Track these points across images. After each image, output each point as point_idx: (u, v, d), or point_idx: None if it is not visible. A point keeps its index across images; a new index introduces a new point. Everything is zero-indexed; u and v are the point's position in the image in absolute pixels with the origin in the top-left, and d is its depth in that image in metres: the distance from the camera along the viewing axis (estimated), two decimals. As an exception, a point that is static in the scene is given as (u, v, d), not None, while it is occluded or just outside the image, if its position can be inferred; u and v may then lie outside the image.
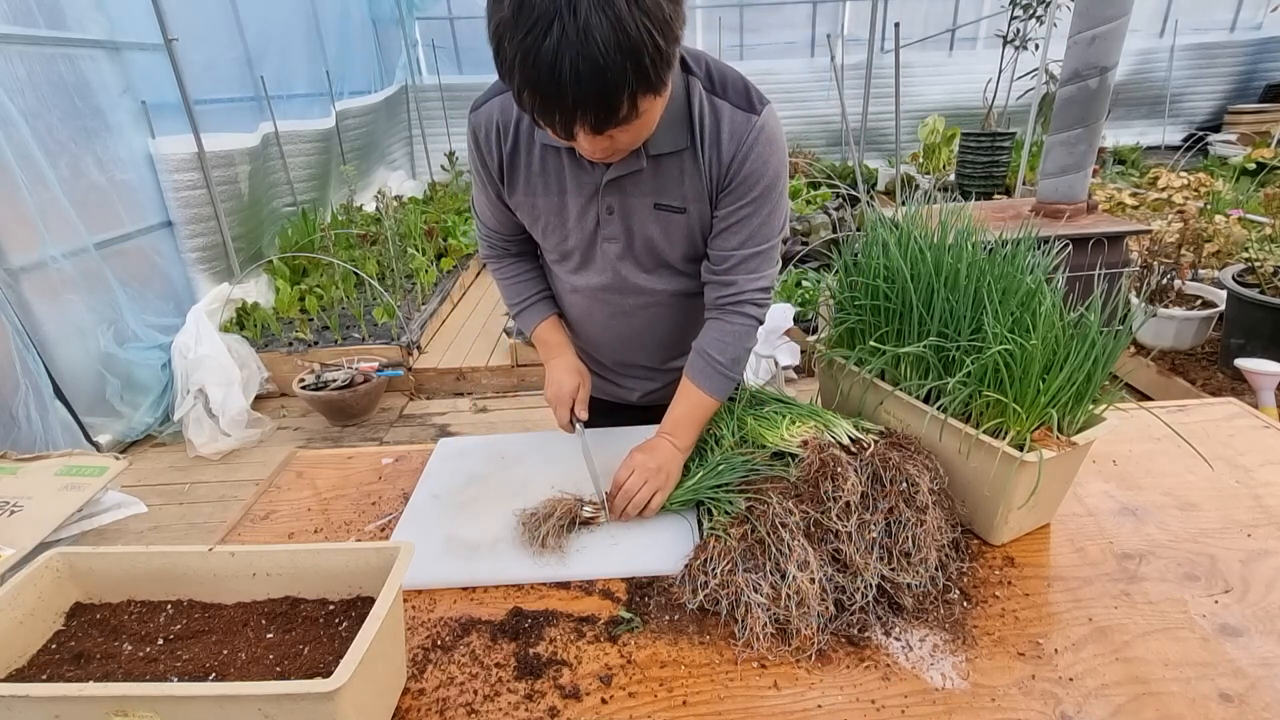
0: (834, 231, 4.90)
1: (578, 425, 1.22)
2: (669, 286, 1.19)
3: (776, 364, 3.38)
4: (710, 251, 1.12)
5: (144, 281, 3.67)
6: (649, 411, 1.29)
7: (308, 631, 0.78)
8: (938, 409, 0.96)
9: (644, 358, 1.31)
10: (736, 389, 1.20)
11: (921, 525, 0.89)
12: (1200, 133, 7.81)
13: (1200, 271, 3.63)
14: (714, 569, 0.87)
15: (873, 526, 0.89)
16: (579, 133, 0.84)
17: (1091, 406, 0.96)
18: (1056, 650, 0.82)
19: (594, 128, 0.82)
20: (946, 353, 1.00)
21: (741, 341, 1.12)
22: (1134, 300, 3.37)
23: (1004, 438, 0.93)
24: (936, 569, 0.89)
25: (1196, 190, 4.67)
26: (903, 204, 1.21)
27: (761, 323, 1.14)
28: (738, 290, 1.11)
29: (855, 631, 0.84)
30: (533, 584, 0.96)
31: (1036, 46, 6.30)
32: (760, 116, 1.02)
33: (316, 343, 4.04)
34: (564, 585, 0.95)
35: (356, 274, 4.34)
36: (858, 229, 4.81)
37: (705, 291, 1.16)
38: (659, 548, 1.00)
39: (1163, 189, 4.79)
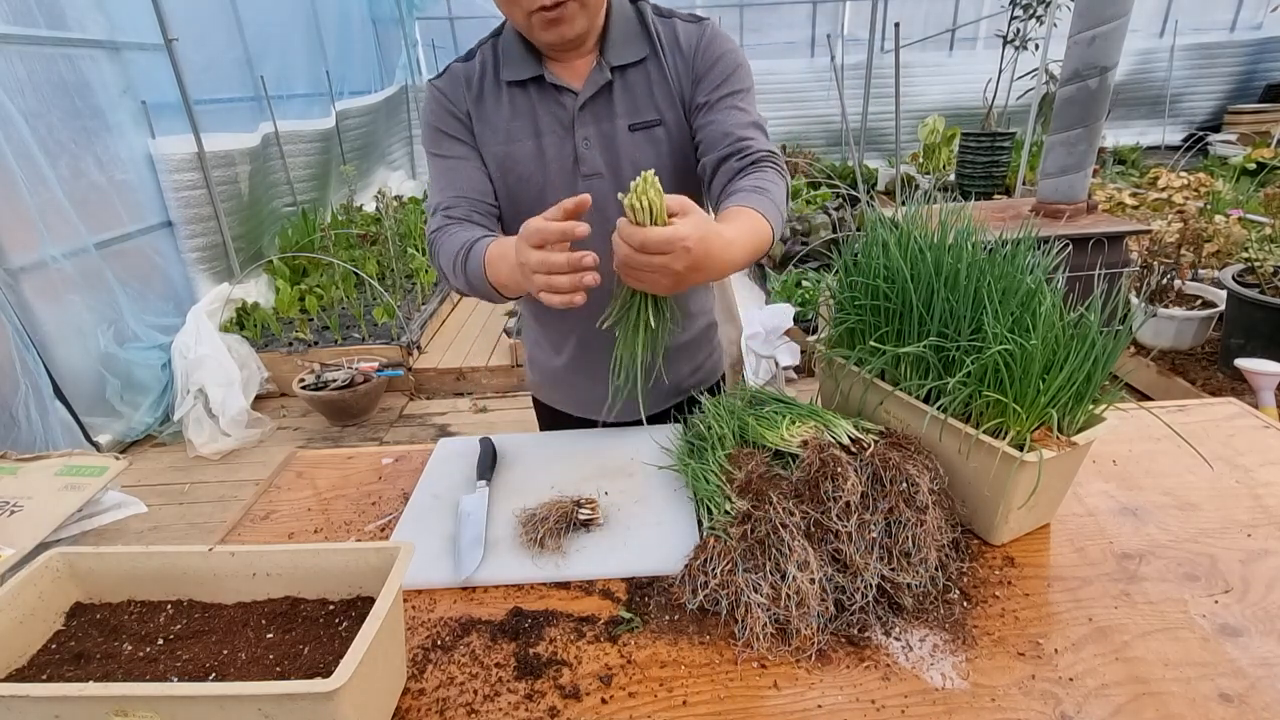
0: (834, 231, 4.90)
1: (478, 485, 1.10)
2: None
3: (776, 364, 3.38)
4: (713, 137, 1.09)
5: (144, 281, 3.67)
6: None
7: (308, 631, 0.78)
8: (938, 409, 0.96)
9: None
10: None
11: (921, 525, 0.89)
12: (1200, 133, 7.81)
13: (1200, 271, 3.63)
14: (714, 569, 0.87)
15: (873, 526, 0.89)
16: None
17: (1091, 406, 0.96)
18: (1056, 650, 0.82)
19: None
20: (946, 353, 1.00)
21: (779, 186, 1.04)
22: (1134, 300, 3.37)
23: (1004, 438, 0.93)
24: (936, 569, 0.89)
25: (1196, 190, 4.67)
26: (903, 204, 1.21)
27: (785, 192, 1.07)
28: (755, 150, 1.07)
29: (855, 631, 0.84)
30: (533, 584, 0.96)
31: (1036, 46, 6.30)
32: (709, 22, 1.13)
33: (316, 343, 4.04)
34: (564, 585, 0.95)
35: (356, 274, 4.35)
36: (858, 229, 4.81)
37: (718, 179, 1.09)
38: (659, 548, 1.00)
39: (1163, 189, 4.79)
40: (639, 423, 1.25)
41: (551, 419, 1.46)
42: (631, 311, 1.02)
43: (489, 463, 1.18)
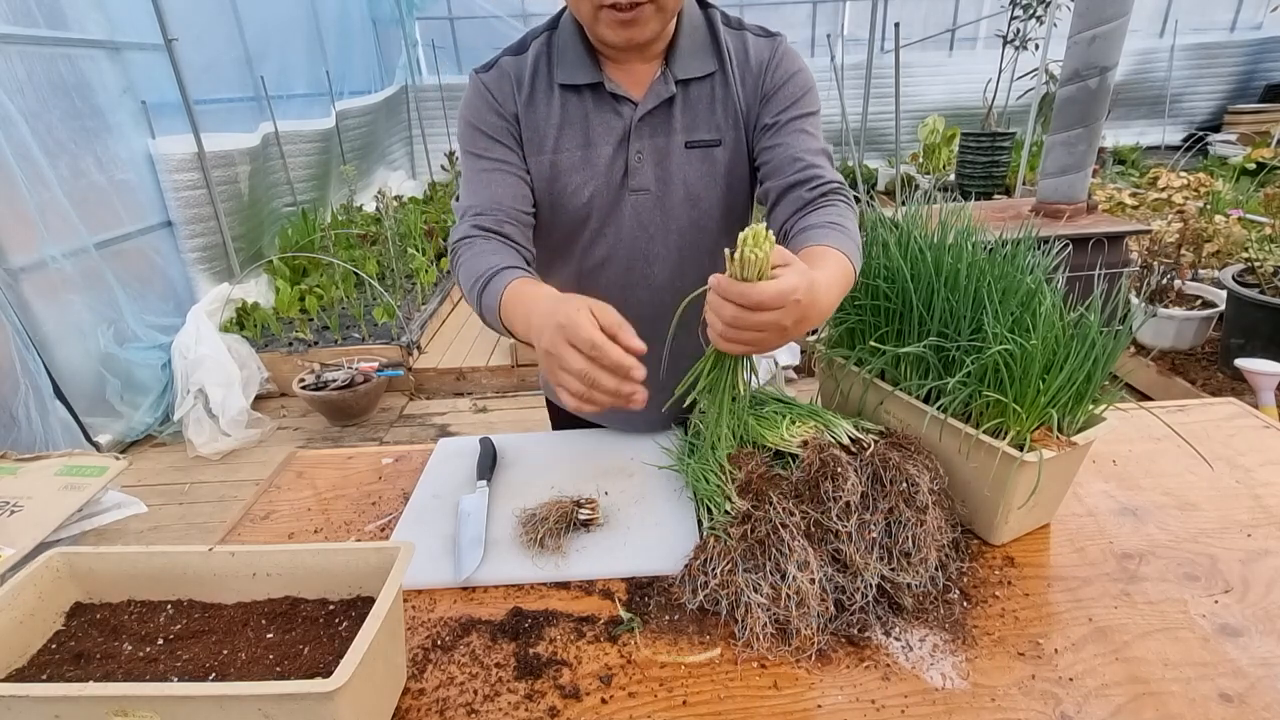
0: (834, 231, 4.90)
1: (478, 485, 1.10)
2: (697, 257, 1.12)
3: (776, 364, 3.38)
4: (779, 161, 1.04)
5: (144, 281, 3.68)
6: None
7: (308, 631, 0.78)
8: (938, 409, 0.96)
9: (666, 353, 1.24)
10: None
11: (921, 525, 0.89)
12: (1200, 133, 7.82)
13: (1200, 271, 3.64)
14: (714, 569, 0.87)
15: (873, 526, 0.89)
16: None
17: (1091, 406, 0.96)
18: (1056, 650, 0.82)
19: None
20: (946, 353, 1.00)
21: (853, 222, 0.98)
22: (1134, 300, 3.37)
23: (1004, 438, 0.93)
24: (936, 569, 0.89)
25: (1196, 190, 4.66)
26: (903, 204, 1.21)
27: (857, 226, 1.00)
28: (826, 180, 1.01)
29: (855, 631, 0.84)
30: (533, 584, 0.96)
31: (1036, 46, 6.30)
32: (782, 38, 1.08)
33: (316, 343, 4.04)
34: (564, 585, 0.95)
35: (356, 274, 4.35)
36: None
37: (783, 206, 1.03)
38: (659, 548, 1.00)
39: (1163, 189, 4.79)
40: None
41: (563, 420, 1.44)
42: (721, 378, 0.94)
43: (489, 463, 1.18)
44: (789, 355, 3.48)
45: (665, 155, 1.07)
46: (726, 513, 0.94)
